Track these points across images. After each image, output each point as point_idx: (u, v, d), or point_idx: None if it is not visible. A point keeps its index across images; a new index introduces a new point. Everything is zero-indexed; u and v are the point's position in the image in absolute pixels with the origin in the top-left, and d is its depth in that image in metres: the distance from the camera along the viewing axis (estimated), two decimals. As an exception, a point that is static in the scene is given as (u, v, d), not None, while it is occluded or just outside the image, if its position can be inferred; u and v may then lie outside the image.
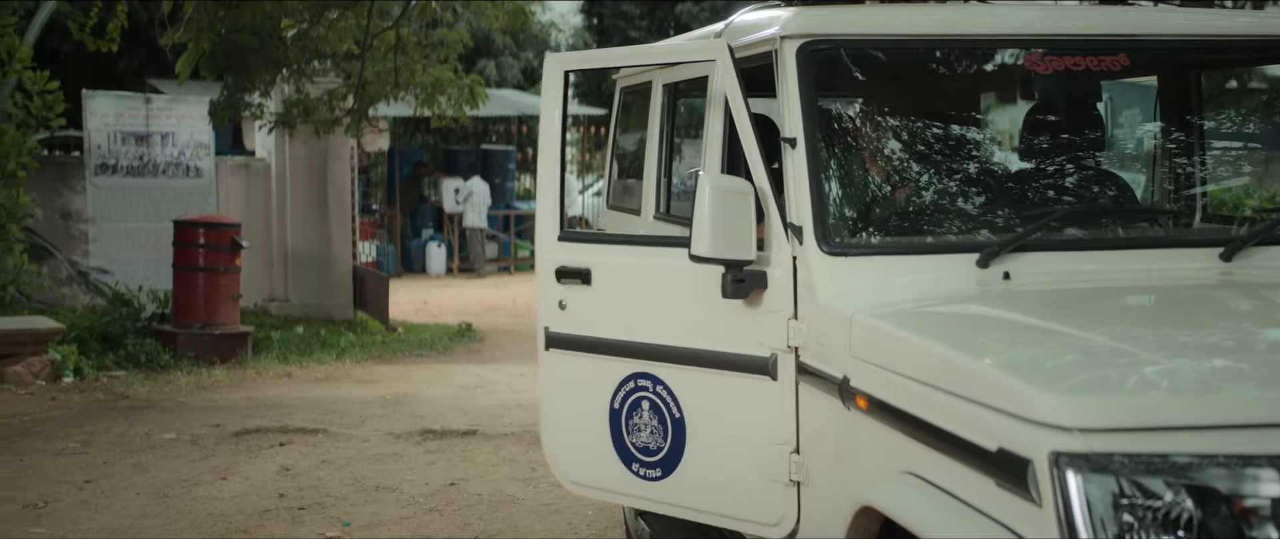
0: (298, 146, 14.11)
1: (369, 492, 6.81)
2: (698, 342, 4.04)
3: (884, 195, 4.08)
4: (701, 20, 26.95)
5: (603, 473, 4.38)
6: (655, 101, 5.17)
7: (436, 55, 12.25)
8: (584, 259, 4.34)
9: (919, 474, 3.05)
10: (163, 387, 10.07)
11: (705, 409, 4.08)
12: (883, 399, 3.21)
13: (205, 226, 11.50)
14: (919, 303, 3.51)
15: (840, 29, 3.94)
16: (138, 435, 8.17)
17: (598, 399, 4.34)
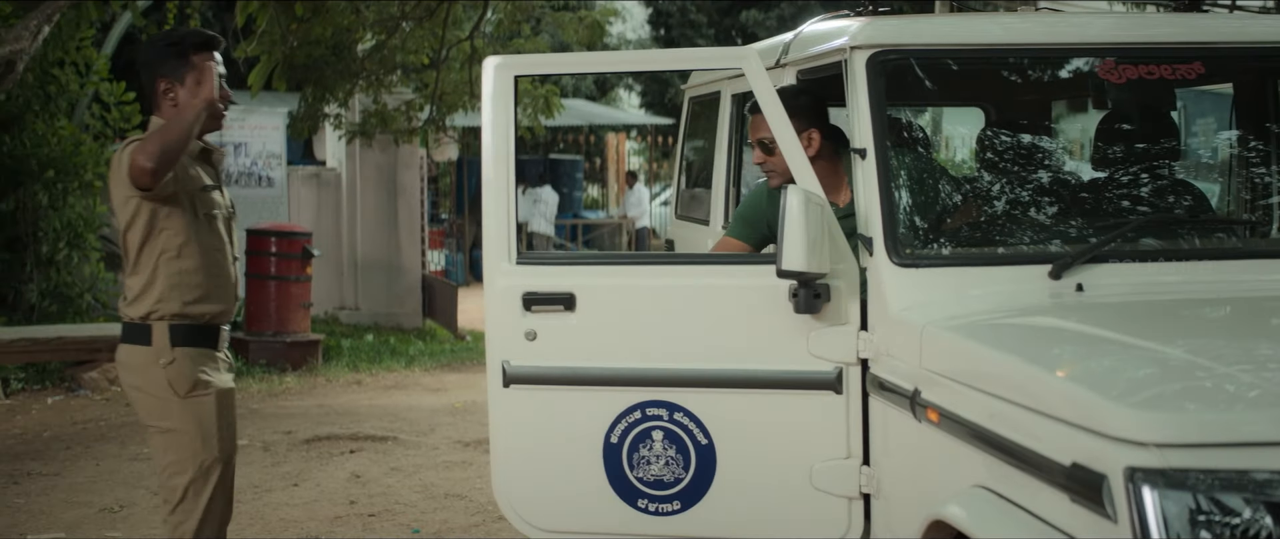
0: (368, 156, 14.24)
1: (438, 499, 6.85)
2: (734, 362, 3.88)
3: (955, 206, 4.05)
4: (768, 29, 26.93)
5: (590, 514, 4.06)
6: (723, 111, 5.17)
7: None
8: (564, 283, 3.98)
9: (991, 488, 3.02)
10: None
11: (744, 431, 3.91)
12: (955, 412, 3.18)
13: (277, 235, 11.62)
14: (991, 315, 3.48)
15: (910, 39, 3.92)
16: (211, 442, 8.26)
17: (585, 436, 4.00)
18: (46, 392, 10.02)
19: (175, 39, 4.08)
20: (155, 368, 4.02)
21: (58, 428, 8.81)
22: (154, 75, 4.06)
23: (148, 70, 4.09)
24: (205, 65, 4.07)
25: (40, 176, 11.66)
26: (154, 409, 4.05)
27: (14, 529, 6.35)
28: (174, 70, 4.04)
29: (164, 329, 4.02)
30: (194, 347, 4.05)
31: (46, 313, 11.72)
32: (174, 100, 4.05)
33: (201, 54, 4.06)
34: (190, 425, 4.04)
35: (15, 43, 9.54)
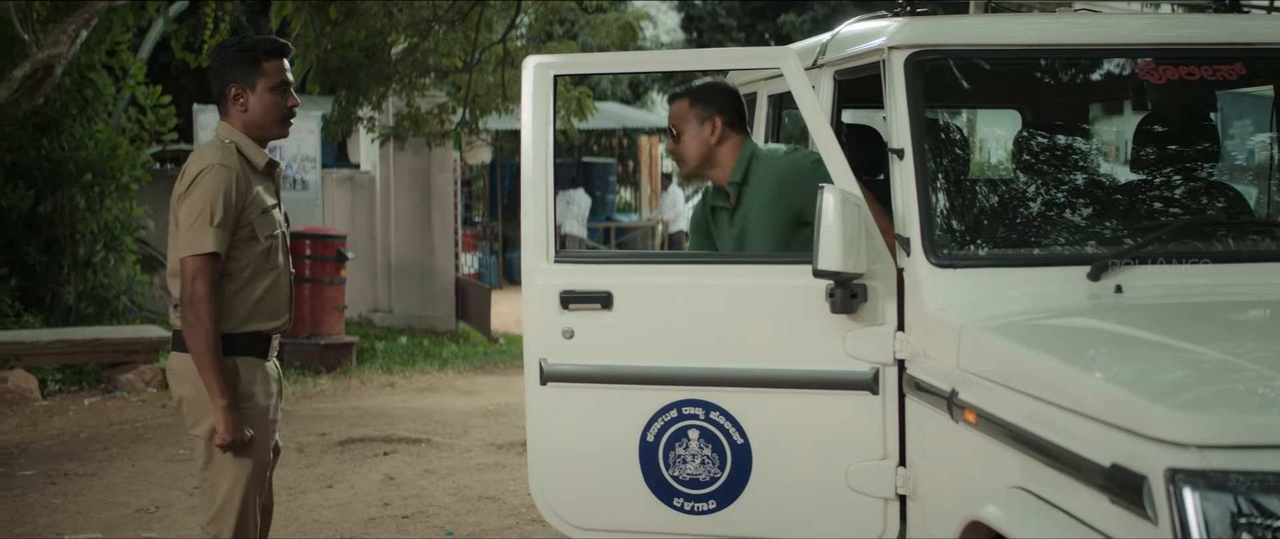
0: (402, 159, 14.29)
1: (472, 501, 6.86)
2: (770, 362, 3.87)
3: (992, 207, 4.03)
4: (801, 31, 26.89)
5: (626, 512, 4.06)
6: (760, 112, 5.16)
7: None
8: (602, 282, 3.99)
9: (1029, 489, 3.01)
10: (270, 396, 10.21)
11: (780, 431, 3.91)
12: (992, 413, 3.16)
13: (311, 238, 11.67)
14: (1029, 316, 3.47)
15: (949, 39, 3.91)
16: (246, 443, 8.29)
17: (621, 434, 4.01)
18: (83, 393, 10.09)
19: (247, 45, 4.13)
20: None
21: (94, 429, 8.87)
22: (226, 80, 4.11)
23: (219, 75, 4.14)
24: (276, 70, 4.13)
25: (77, 179, 11.75)
26: (197, 415, 4.08)
27: (52, 529, 6.40)
28: (245, 76, 4.10)
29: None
30: (243, 356, 4.08)
31: (83, 315, 11.81)
32: (244, 106, 4.11)
33: (273, 60, 4.12)
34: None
35: (53, 47, 9.62)
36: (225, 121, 4.16)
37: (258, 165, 4.14)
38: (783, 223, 4.18)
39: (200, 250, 3.93)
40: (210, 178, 3.97)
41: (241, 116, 4.12)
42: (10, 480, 7.38)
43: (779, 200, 4.17)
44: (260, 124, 4.14)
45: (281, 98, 4.14)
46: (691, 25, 31.93)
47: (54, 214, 11.77)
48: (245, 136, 4.13)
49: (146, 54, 13.93)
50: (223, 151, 4.05)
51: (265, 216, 4.10)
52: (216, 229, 3.94)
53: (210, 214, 3.94)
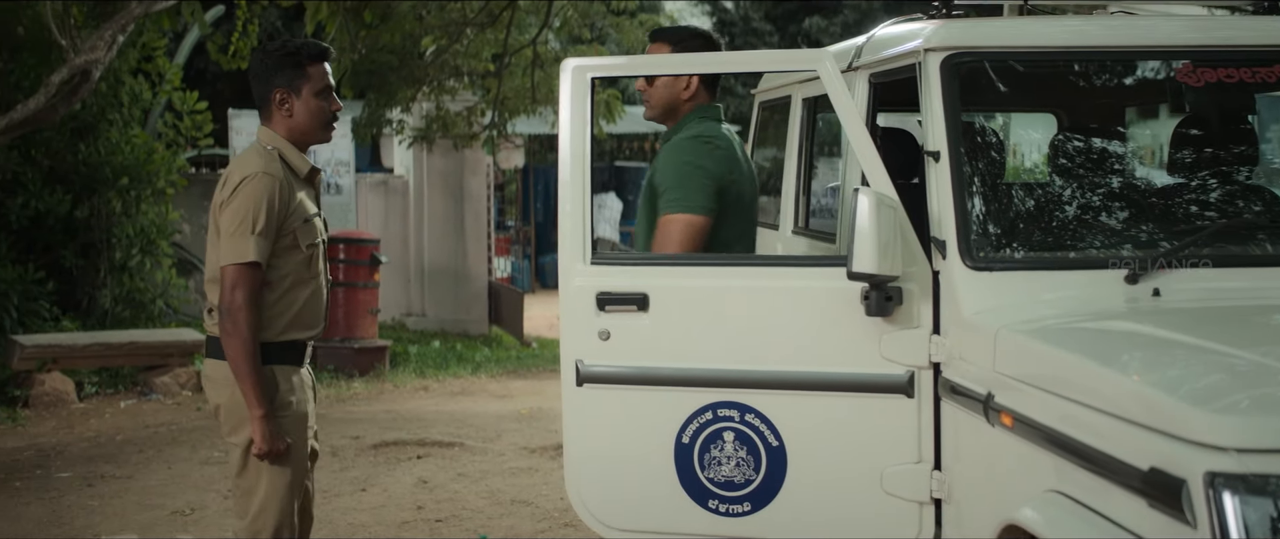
0: (435, 163, 14.34)
1: (505, 505, 6.87)
2: (805, 365, 3.85)
3: (1028, 210, 4.01)
4: (831, 35, 26.86)
5: (661, 514, 4.05)
6: (794, 115, 5.15)
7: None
8: (638, 284, 3.98)
9: (1066, 493, 2.99)
10: (304, 399, 10.26)
11: (815, 434, 3.89)
12: (1029, 416, 3.15)
13: (345, 242, 11.71)
14: (1066, 319, 3.45)
15: (985, 41, 3.89)
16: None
17: (656, 436, 3.99)
18: (119, 395, 10.16)
19: (292, 49, 4.12)
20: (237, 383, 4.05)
21: (130, 431, 8.93)
22: (270, 85, 4.10)
23: (263, 80, 4.12)
24: (320, 75, 4.14)
25: (114, 184, 11.83)
26: (235, 423, 4.09)
27: (88, 530, 6.45)
28: (290, 80, 4.09)
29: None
30: (277, 363, 4.09)
31: (119, 318, 11.88)
32: (289, 111, 4.10)
33: (316, 64, 4.12)
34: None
35: (90, 53, 9.69)
36: (267, 127, 4.14)
37: (300, 172, 4.13)
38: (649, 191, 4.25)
39: (241, 259, 3.93)
40: (253, 185, 3.96)
41: (286, 122, 4.11)
42: (47, 482, 7.44)
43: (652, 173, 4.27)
44: (305, 129, 4.13)
45: (326, 102, 4.14)
46: (723, 29, 31.93)
47: (91, 218, 11.85)
48: (288, 143, 4.12)
49: (182, 59, 14.02)
50: (266, 159, 4.04)
51: (307, 225, 4.10)
52: (258, 238, 3.93)
53: (252, 222, 3.93)
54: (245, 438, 4.05)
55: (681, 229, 4.17)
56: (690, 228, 4.18)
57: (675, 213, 4.18)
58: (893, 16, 4.55)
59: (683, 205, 4.17)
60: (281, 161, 4.08)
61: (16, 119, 9.65)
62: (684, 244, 4.16)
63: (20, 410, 9.48)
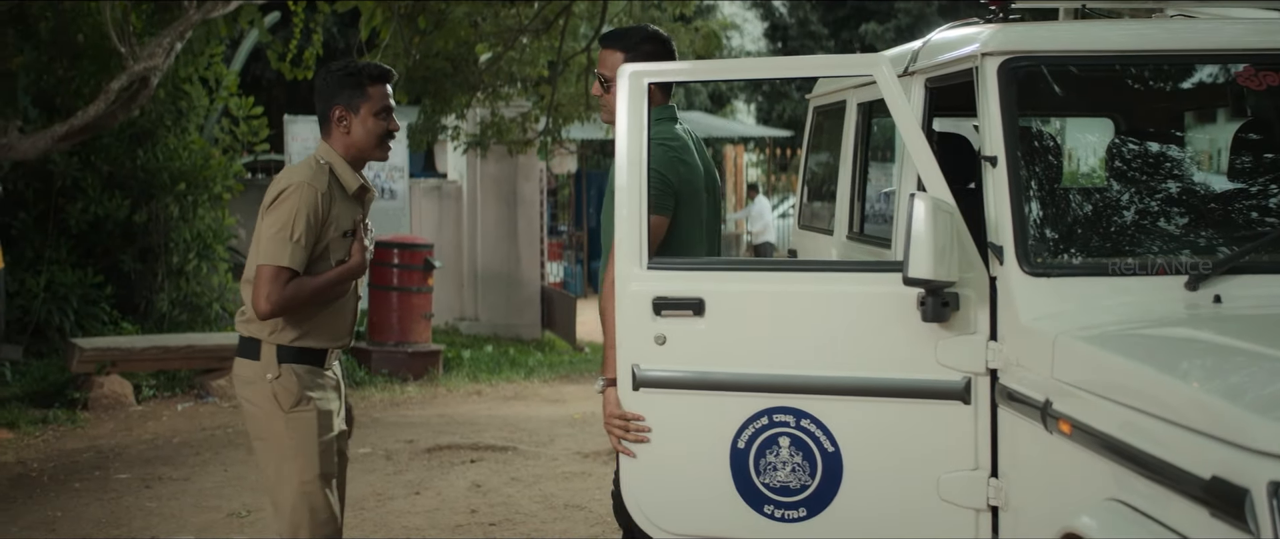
0: (489, 168, 14.39)
1: (558, 510, 6.88)
2: (861, 370, 3.82)
3: (1086, 215, 3.97)
4: (886, 40, 26.76)
5: (716, 518, 4.02)
6: (849, 120, 5.14)
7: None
8: (694, 288, 3.96)
9: (1126, 501, 2.96)
10: (357, 402, 10.33)
11: (871, 440, 3.86)
12: (1088, 424, 3.12)
13: (399, 247, 11.77)
14: (1125, 325, 3.42)
15: (1043, 46, 3.86)
16: (335, 449, 8.38)
17: (712, 440, 3.98)
18: (176, 398, 10.25)
19: (353, 70, 4.24)
20: (262, 382, 4.16)
21: (187, 434, 9.01)
22: (330, 103, 4.21)
23: (324, 97, 4.24)
24: (380, 95, 4.24)
25: (171, 189, 11.96)
26: (259, 421, 4.19)
27: (146, 531, 6.51)
28: (350, 99, 4.20)
29: (272, 348, 4.17)
30: (301, 363, 4.17)
31: (176, 321, 12.01)
32: (346, 128, 4.21)
33: (377, 86, 4.22)
34: (291, 440, 4.16)
35: (149, 60, 9.79)
36: (325, 142, 4.26)
37: (349, 189, 4.21)
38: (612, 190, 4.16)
39: (276, 262, 4.05)
40: (295, 195, 4.07)
41: (343, 139, 4.22)
42: (106, 483, 7.52)
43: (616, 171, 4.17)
44: (361, 146, 4.24)
45: (384, 122, 4.25)
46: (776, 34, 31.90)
47: (149, 223, 11.98)
48: (341, 159, 4.23)
49: (239, 66, 14.15)
50: (314, 172, 4.15)
51: (342, 239, 4.18)
52: (295, 244, 4.04)
53: (291, 229, 4.04)
54: (272, 436, 4.16)
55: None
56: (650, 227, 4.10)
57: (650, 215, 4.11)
58: (947, 20, 4.53)
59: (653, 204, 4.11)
60: (331, 176, 4.15)
61: (77, 125, 9.78)
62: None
63: (80, 413, 9.59)
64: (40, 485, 7.52)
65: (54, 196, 11.57)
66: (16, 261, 11.06)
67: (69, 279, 11.33)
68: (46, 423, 9.27)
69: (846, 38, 29.62)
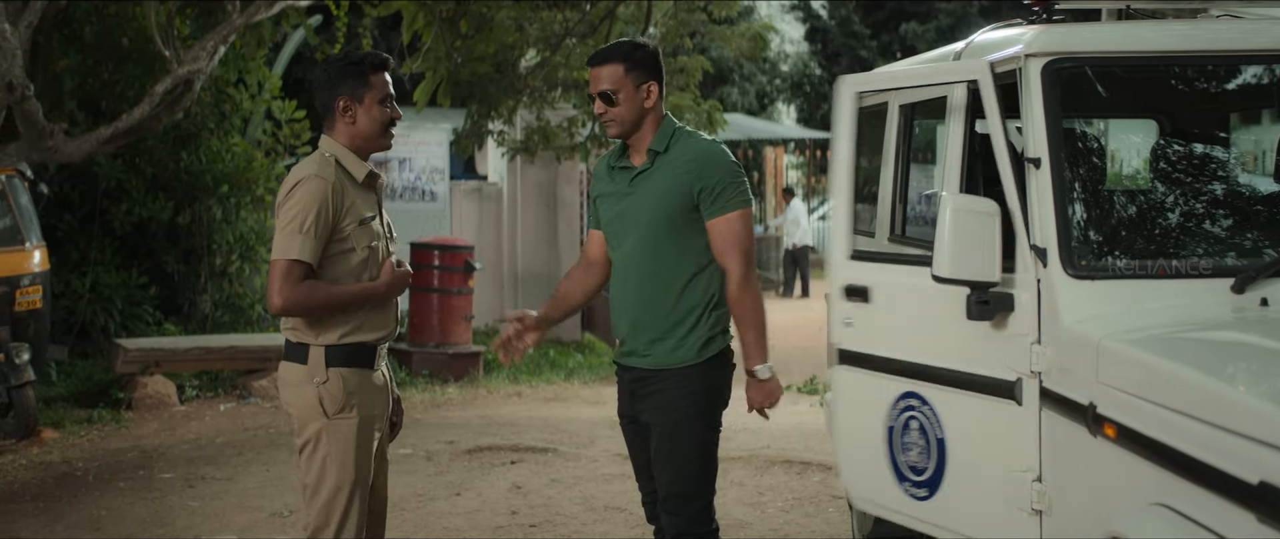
0: (529, 171, 14.42)
1: (599, 512, 6.88)
2: (956, 362, 3.98)
3: (1130, 217, 3.95)
4: (927, 41, 26.66)
5: (881, 490, 4.35)
6: (891, 123, 5.12)
7: (676, 82, 12.37)
8: (865, 278, 4.40)
9: (1171, 506, 2.94)
10: (399, 404, 10.37)
11: (963, 431, 4.00)
12: (1133, 427, 3.10)
13: (440, 248, 11.81)
14: (1171, 328, 3.39)
15: (1088, 46, 3.84)
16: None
17: (877, 416, 4.31)
18: (219, 398, 10.32)
19: (356, 59, 4.22)
20: (309, 386, 4.14)
21: (230, 434, 9.07)
22: (333, 94, 4.19)
23: (326, 89, 4.21)
24: (382, 83, 4.22)
25: (214, 191, 12.06)
26: (303, 425, 4.18)
27: (190, 531, 6.56)
28: (353, 89, 4.17)
29: (320, 351, 4.15)
30: (348, 367, 4.16)
31: (219, 323, 12.10)
32: (351, 118, 4.19)
33: (378, 73, 4.21)
34: (333, 445, 4.14)
35: (193, 63, 9.88)
36: (329, 136, 4.23)
37: (357, 178, 4.21)
38: (683, 197, 4.17)
39: (286, 255, 4.03)
40: (305, 188, 4.06)
41: (348, 129, 4.20)
42: (150, 483, 7.58)
43: (690, 177, 4.18)
44: (367, 135, 4.22)
45: (387, 109, 4.23)
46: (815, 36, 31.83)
47: (192, 225, 12.08)
48: (347, 150, 4.21)
49: (281, 69, 14.23)
50: (321, 164, 4.14)
51: (362, 227, 4.17)
52: (305, 236, 4.02)
53: (301, 222, 4.02)
54: (311, 436, 4.15)
55: (749, 220, 4.26)
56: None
57: (744, 207, 4.21)
58: (988, 21, 4.53)
59: (745, 199, 4.22)
60: (339, 167, 4.16)
61: (121, 128, 9.87)
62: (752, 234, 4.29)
63: (124, 412, 9.67)
64: (85, 484, 7.59)
65: (99, 199, 11.68)
66: (62, 263, 11.17)
67: (113, 280, 11.43)
68: (91, 422, 9.35)
69: (887, 40, 29.53)
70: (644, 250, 4.23)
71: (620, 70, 4.22)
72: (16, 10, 9.43)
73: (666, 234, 4.18)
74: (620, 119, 4.23)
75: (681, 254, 4.19)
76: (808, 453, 8.18)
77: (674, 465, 4.25)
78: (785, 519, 6.64)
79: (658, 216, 4.18)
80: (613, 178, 4.35)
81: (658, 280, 4.20)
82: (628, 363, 4.37)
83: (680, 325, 4.19)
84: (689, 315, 4.19)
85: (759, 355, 4.19)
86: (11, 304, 8.81)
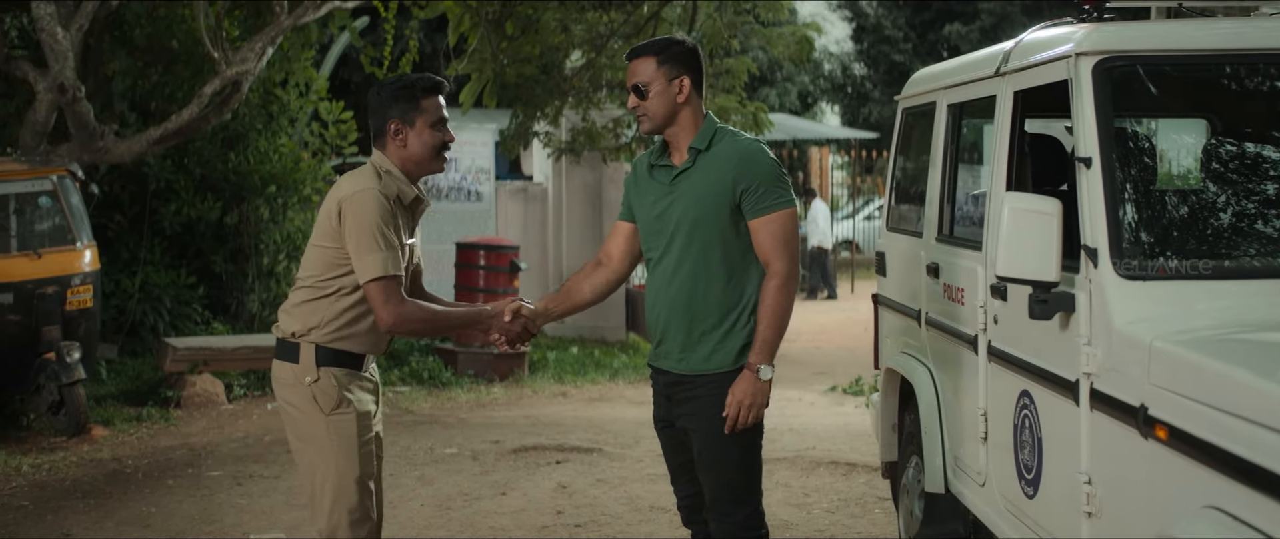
0: (575, 172, 14.44)
1: (644, 512, 6.89)
2: (1046, 362, 3.96)
3: (1182, 217, 3.91)
4: (971, 41, 26.51)
5: (1009, 485, 4.32)
6: (939, 122, 5.10)
7: (722, 83, 12.35)
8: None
9: (1224, 509, 2.91)
10: (444, 403, 10.42)
11: (1050, 432, 3.97)
12: (1186, 429, 3.07)
13: (485, 249, 11.85)
14: (1223, 330, 3.36)
15: (1139, 45, 3.80)
16: (421, 449, 8.46)
17: (1009, 411, 4.31)
18: (266, 397, 10.39)
19: (407, 83, 4.25)
20: (301, 384, 4.18)
21: (277, 432, 9.12)
22: (385, 117, 4.21)
23: (379, 112, 4.24)
24: (434, 107, 4.24)
25: (262, 192, 12.14)
26: (299, 424, 4.21)
27: (238, 528, 6.61)
28: (404, 113, 4.20)
29: (311, 349, 4.18)
30: (339, 367, 4.20)
31: (266, 322, 12.17)
32: (402, 142, 4.21)
33: (431, 98, 4.23)
34: (332, 442, 4.18)
35: (241, 64, 9.95)
36: (381, 153, 4.25)
37: (404, 200, 4.22)
38: (726, 196, 4.14)
39: (377, 274, 4.06)
40: (364, 203, 4.07)
41: (399, 152, 4.21)
42: (198, 480, 7.65)
43: (734, 175, 4.15)
44: (418, 159, 4.23)
45: (440, 133, 4.25)
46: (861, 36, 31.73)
47: (240, 225, 12.17)
48: (398, 171, 4.23)
49: (328, 70, 14.31)
50: (371, 177, 4.16)
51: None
52: (384, 251, 4.06)
53: (374, 238, 4.05)
54: (311, 439, 4.19)
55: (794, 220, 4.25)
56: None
57: (788, 207, 4.19)
58: (1032, 21, 4.50)
59: (789, 199, 4.21)
60: (388, 182, 4.19)
61: (171, 129, 9.95)
62: (797, 234, 4.26)
63: (173, 411, 9.76)
64: (135, 482, 7.66)
65: (148, 199, 11.79)
66: (112, 263, 11.28)
67: (162, 280, 11.54)
68: (140, 420, 9.44)
69: (931, 40, 29.40)
70: (684, 250, 4.21)
71: (653, 64, 4.21)
72: (68, 13, 9.53)
73: (708, 234, 4.16)
74: (651, 113, 4.20)
75: (722, 255, 4.17)
76: (853, 454, 8.16)
77: (717, 471, 4.24)
78: (831, 520, 6.62)
79: (700, 216, 4.16)
80: (653, 177, 4.33)
81: (697, 281, 4.18)
82: (662, 366, 4.34)
83: (717, 328, 4.18)
84: (726, 318, 4.18)
85: (768, 355, 4.16)
86: (63, 303, 8.90)
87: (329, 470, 4.18)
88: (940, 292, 4.95)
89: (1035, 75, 4.16)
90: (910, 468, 5.40)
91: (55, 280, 8.89)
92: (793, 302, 4.20)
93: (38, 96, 9.50)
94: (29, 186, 9.15)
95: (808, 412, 10.20)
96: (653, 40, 4.34)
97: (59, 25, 9.29)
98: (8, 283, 8.66)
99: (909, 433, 5.40)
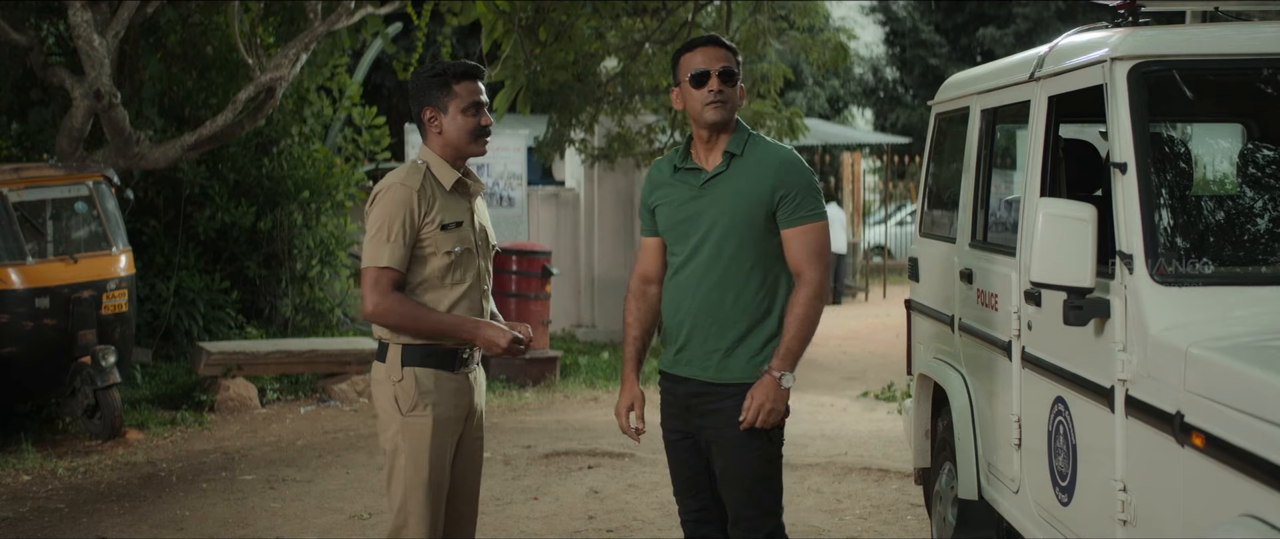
0: (607, 177, 14.45)
1: (675, 517, 6.80)
2: (1081, 368, 3.94)
3: (1218, 223, 3.88)
4: (1005, 46, 26.42)
5: (1043, 492, 4.31)
6: (972, 127, 5.08)
7: (757, 89, 12.34)
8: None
9: (1262, 517, 2.88)
10: (476, 408, 10.43)
11: (1085, 439, 3.95)
12: (1222, 437, 3.05)
13: (517, 254, 11.87)
14: (1261, 336, 3.33)
15: (1175, 50, 3.78)
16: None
17: (1043, 417, 4.29)
18: (299, 402, 10.43)
19: (439, 70, 4.26)
20: (386, 383, 4.23)
21: (310, 436, 9.16)
22: (420, 105, 4.26)
23: (414, 100, 4.31)
24: (467, 92, 4.24)
25: (295, 197, 12.19)
26: (382, 421, 4.27)
27: (271, 532, 6.63)
28: (437, 99, 4.22)
29: (398, 351, 4.22)
30: (425, 367, 4.21)
31: (300, 327, 12.24)
32: (438, 128, 4.24)
33: (463, 82, 4.23)
34: (404, 443, 4.21)
35: (275, 71, 10.00)
36: (425, 145, 4.31)
37: (446, 184, 4.24)
38: (763, 202, 4.09)
39: (376, 263, 4.13)
40: (389, 195, 4.16)
41: (438, 139, 4.26)
42: (232, 484, 7.68)
43: (773, 181, 4.09)
44: (455, 144, 4.25)
45: (475, 117, 4.25)
46: (895, 40, 31.66)
47: (273, 230, 12.23)
48: (438, 158, 4.26)
49: (361, 76, 14.37)
50: (408, 172, 4.22)
51: (444, 233, 4.20)
52: (392, 244, 4.12)
53: (387, 230, 4.12)
54: (390, 439, 4.22)
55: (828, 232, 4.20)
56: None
57: (824, 219, 4.16)
58: (1066, 25, 4.47)
59: (823, 211, 4.18)
60: (428, 174, 4.23)
61: (205, 135, 10.01)
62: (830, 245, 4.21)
63: (206, 415, 9.81)
64: (169, 485, 7.70)
65: (183, 204, 11.86)
66: (147, 267, 11.35)
67: (197, 284, 11.60)
68: (175, 424, 9.49)
69: (965, 44, 29.30)
70: (714, 255, 4.14)
71: (735, 60, 4.20)
72: (104, 20, 9.60)
73: (740, 239, 4.11)
74: (732, 103, 4.12)
75: (753, 261, 4.12)
76: (885, 460, 8.12)
77: (743, 485, 4.18)
78: (863, 527, 6.60)
79: (734, 221, 4.10)
80: (678, 180, 4.24)
81: (725, 287, 4.12)
82: (683, 373, 4.28)
83: (744, 336, 4.12)
84: (756, 326, 4.12)
85: (791, 363, 4.07)
86: (98, 307, 8.96)
87: (399, 469, 4.23)
88: (974, 297, 4.92)
89: (1070, 80, 4.14)
90: (943, 474, 5.38)
91: (91, 285, 8.95)
92: (821, 313, 4.14)
93: (74, 103, 9.58)
94: (65, 192, 9.22)
95: (840, 417, 10.17)
96: (701, 37, 4.28)
97: (95, 32, 9.36)
98: (44, 287, 8.73)
99: (942, 439, 5.38)
